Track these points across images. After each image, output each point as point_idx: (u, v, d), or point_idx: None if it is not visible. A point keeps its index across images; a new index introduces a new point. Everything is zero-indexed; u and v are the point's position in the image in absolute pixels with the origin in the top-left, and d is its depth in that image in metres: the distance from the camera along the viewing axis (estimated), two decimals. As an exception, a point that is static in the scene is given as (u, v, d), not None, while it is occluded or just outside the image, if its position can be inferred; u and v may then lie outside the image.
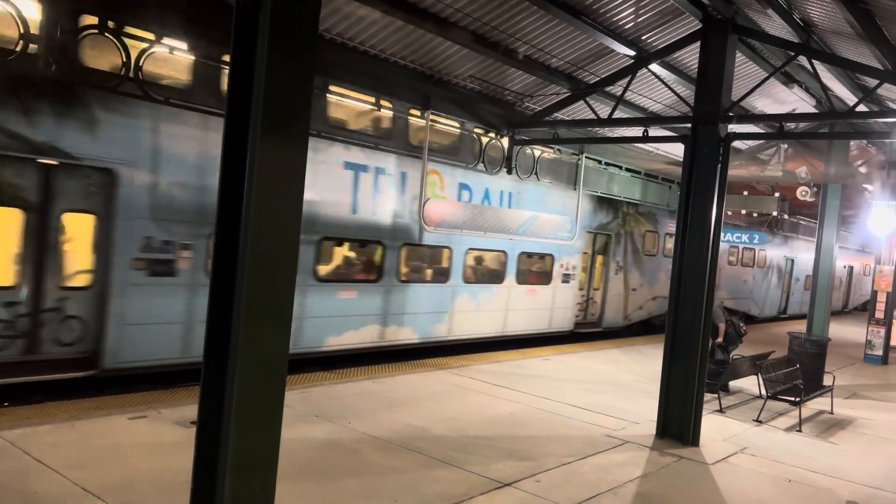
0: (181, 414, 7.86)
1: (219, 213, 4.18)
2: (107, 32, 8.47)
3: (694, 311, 8.85)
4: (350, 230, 11.47)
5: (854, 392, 13.45)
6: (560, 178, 15.91)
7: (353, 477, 6.57)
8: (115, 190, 8.57)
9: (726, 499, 6.95)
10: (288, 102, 4.17)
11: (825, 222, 17.38)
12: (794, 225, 30.35)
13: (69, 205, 8.36)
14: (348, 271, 11.90)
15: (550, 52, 11.83)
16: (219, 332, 4.16)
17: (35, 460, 6.18)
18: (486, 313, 14.29)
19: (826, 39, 11.05)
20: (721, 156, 8.92)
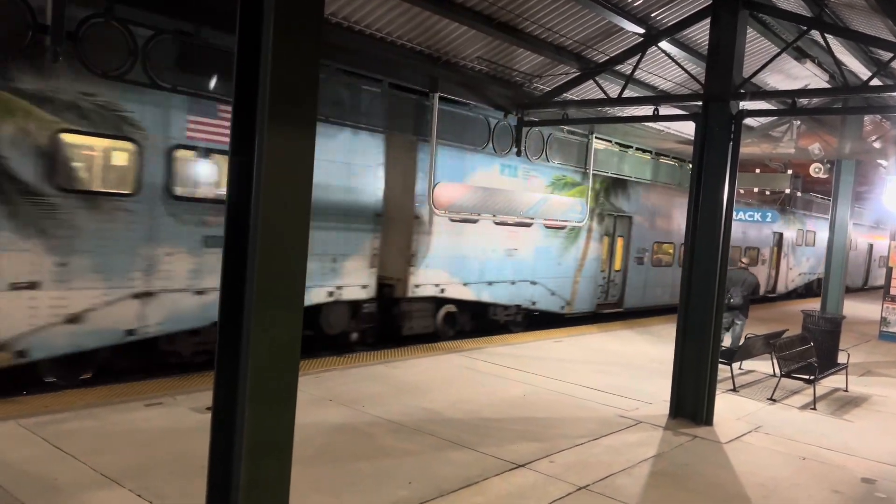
0: (196, 400, 7.94)
1: (228, 198, 4.18)
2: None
3: (707, 290, 8.80)
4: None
5: (869, 369, 13.38)
6: (570, 160, 15.83)
7: (368, 460, 6.62)
8: (631, 226, 18.07)
9: (740, 478, 6.95)
10: (295, 87, 4.15)
11: (839, 199, 17.21)
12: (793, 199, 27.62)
13: (620, 233, 17.93)
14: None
15: (559, 32, 11.72)
16: (231, 318, 4.18)
17: (54, 447, 6.26)
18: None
19: (839, 13, 10.89)
20: (733, 133, 8.83)
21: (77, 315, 8.38)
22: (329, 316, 11.44)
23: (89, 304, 8.46)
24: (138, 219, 8.86)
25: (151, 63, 8.75)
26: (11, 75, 7.70)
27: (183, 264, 9.29)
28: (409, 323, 12.84)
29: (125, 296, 8.79)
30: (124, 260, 8.73)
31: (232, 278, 4.19)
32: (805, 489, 6.77)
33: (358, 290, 11.60)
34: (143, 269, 8.91)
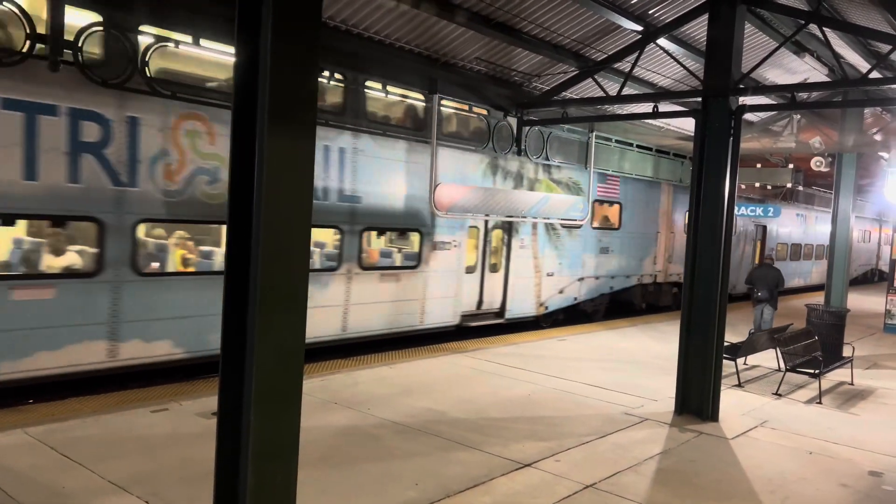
0: (202, 405, 7.95)
1: (230, 205, 4.19)
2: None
3: (709, 285, 8.80)
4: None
5: (874, 362, 13.35)
6: (571, 158, 15.84)
7: (374, 462, 6.63)
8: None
9: (747, 473, 6.95)
10: (294, 91, 4.16)
11: (841, 192, 17.17)
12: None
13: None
14: None
15: (557, 31, 11.73)
16: (235, 322, 4.19)
17: (61, 455, 6.28)
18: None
19: (836, 6, 10.88)
20: (733, 129, 8.83)
21: (562, 289, 16.17)
22: (634, 293, 18.97)
23: (565, 285, 16.26)
24: (581, 239, 16.51)
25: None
26: None
27: (592, 262, 16.98)
28: (665, 298, 20.02)
29: (574, 280, 16.52)
30: (575, 262, 16.39)
31: (235, 284, 4.20)
32: (812, 483, 6.76)
33: (648, 277, 19.32)
34: (580, 266, 16.55)
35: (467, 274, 13.70)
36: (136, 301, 8.80)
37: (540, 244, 15.27)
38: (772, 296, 14.17)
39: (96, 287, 8.48)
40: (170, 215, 9.12)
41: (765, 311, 14.21)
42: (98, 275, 8.49)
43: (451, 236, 13.11)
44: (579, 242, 16.37)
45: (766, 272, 14.41)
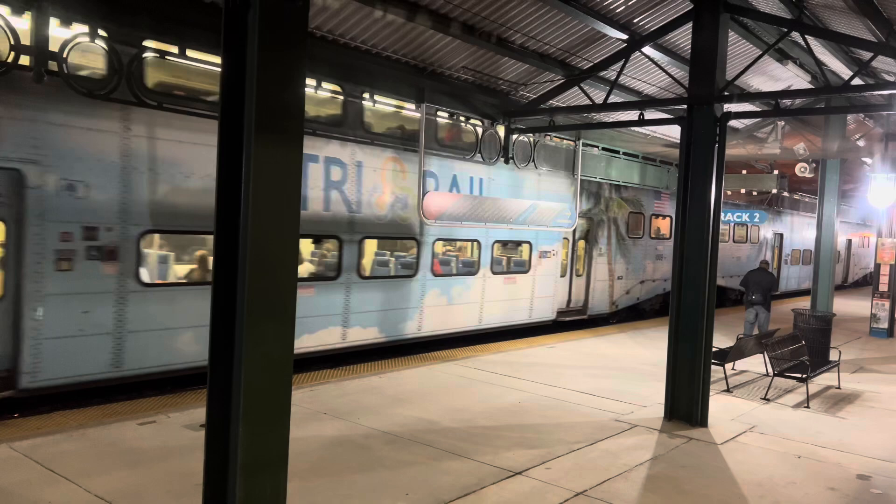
0: (190, 417, 7.89)
1: (217, 215, 4.18)
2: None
3: (697, 291, 8.85)
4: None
5: (861, 366, 13.46)
6: (558, 166, 15.90)
7: (365, 472, 6.59)
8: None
9: (737, 478, 6.97)
10: (281, 101, 4.17)
11: (825, 198, 17.34)
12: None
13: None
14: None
15: (543, 40, 11.79)
16: (223, 333, 4.18)
17: (47, 470, 6.21)
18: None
19: (818, 14, 11.02)
20: (718, 136, 8.90)
21: (629, 290, 18.75)
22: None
23: (631, 286, 18.84)
24: (643, 248, 19.36)
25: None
26: None
27: (651, 267, 19.64)
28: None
29: (637, 282, 19.13)
30: (638, 267, 19.05)
31: (223, 294, 4.18)
32: (801, 487, 6.80)
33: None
34: (642, 271, 19.25)
35: (560, 277, 16.45)
36: (358, 298, 11.71)
37: (613, 252, 18.17)
38: (765, 299, 14.53)
39: (336, 287, 11.35)
40: (379, 233, 12.12)
41: (759, 313, 14.58)
42: (337, 278, 11.36)
43: (551, 246, 15.91)
44: (641, 251, 19.35)
45: (761, 276, 14.76)
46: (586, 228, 17.20)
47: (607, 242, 17.81)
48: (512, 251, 15.33)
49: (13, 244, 7.90)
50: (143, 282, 8.92)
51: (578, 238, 17.01)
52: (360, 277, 11.66)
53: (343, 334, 11.48)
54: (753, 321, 14.59)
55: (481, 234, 13.94)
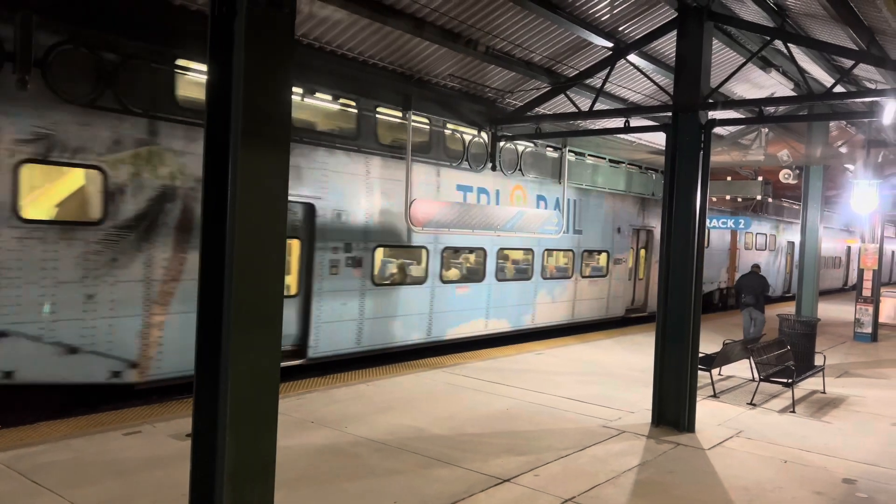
0: (176, 427, 7.82)
1: (203, 223, 4.16)
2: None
3: (683, 297, 8.90)
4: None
5: (845, 370, 13.57)
6: (545, 173, 15.97)
7: (353, 481, 6.56)
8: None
9: (724, 483, 7.00)
10: (267, 108, 4.16)
11: (809, 204, 17.52)
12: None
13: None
14: None
15: (528, 48, 11.86)
16: (209, 342, 4.15)
17: (31, 481, 6.13)
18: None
19: (800, 22, 11.15)
20: (703, 143, 8.98)
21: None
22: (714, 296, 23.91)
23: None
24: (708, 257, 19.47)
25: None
26: None
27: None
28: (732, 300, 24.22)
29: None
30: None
31: (209, 302, 4.16)
32: (788, 492, 6.83)
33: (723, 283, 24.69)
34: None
35: (628, 280, 19.33)
36: (496, 295, 14.69)
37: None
38: (757, 301, 15.35)
39: (482, 287, 14.36)
40: (507, 245, 14.92)
41: (753, 314, 15.37)
42: (483, 280, 14.36)
43: (623, 254, 18.90)
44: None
45: (753, 280, 15.62)
46: (646, 239, 20.02)
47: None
48: (593, 259, 18.03)
49: (305, 256, 10.95)
50: (375, 282, 12.09)
51: (640, 247, 19.88)
52: (497, 280, 14.73)
53: (485, 324, 14.60)
54: (750, 322, 15.39)
55: (573, 243, 16.95)
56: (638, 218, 19.32)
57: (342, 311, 11.46)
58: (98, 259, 8.47)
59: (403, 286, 12.80)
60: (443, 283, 13.47)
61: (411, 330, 12.86)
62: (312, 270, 10.96)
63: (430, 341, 13.34)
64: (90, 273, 8.41)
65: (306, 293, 10.96)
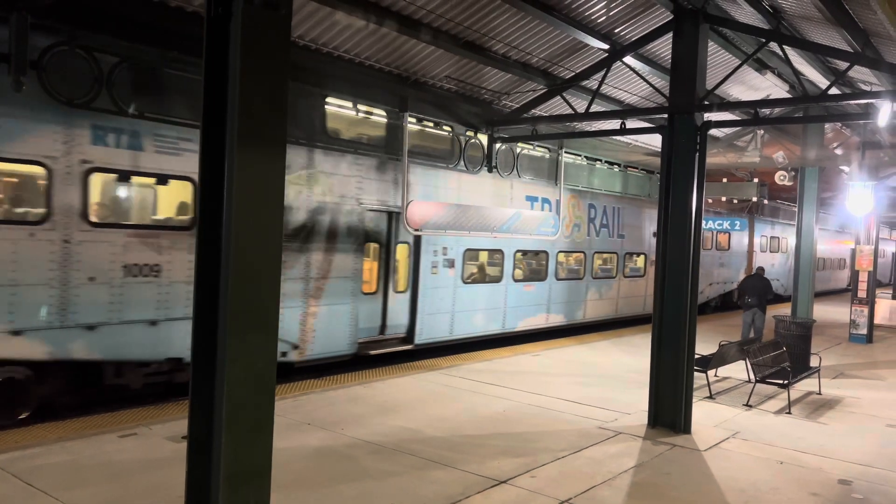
0: (172, 429, 7.80)
1: (199, 225, 4.15)
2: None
3: (679, 298, 8.91)
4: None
5: (841, 372, 13.60)
6: (541, 175, 15.98)
7: (349, 483, 6.55)
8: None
9: (720, 484, 7.01)
10: (263, 110, 4.16)
11: (804, 205, 17.56)
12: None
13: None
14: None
15: (525, 50, 11.87)
16: (205, 344, 4.14)
17: (25, 483, 6.11)
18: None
19: (796, 25, 11.19)
20: (698, 144, 9.00)
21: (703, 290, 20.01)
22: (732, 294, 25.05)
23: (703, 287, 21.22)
24: (711, 256, 23.26)
25: None
26: None
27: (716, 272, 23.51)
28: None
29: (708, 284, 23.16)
30: (709, 272, 22.84)
31: (204, 305, 4.15)
32: (784, 493, 6.84)
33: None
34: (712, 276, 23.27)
35: None
36: (555, 292, 16.64)
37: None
38: (760, 302, 15.57)
39: (544, 285, 16.22)
40: (565, 249, 16.83)
41: (755, 316, 15.56)
42: (545, 280, 16.29)
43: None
44: (709, 260, 23.67)
45: (756, 282, 15.96)
46: None
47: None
48: (633, 260, 20.01)
49: (413, 259, 12.88)
50: (463, 280, 13.93)
51: None
52: (556, 279, 16.57)
53: (546, 318, 16.47)
54: (751, 323, 15.50)
55: (617, 246, 18.89)
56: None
57: (439, 304, 13.44)
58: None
59: (485, 284, 14.77)
60: (514, 281, 15.36)
61: (490, 322, 14.83)
62: (419, 270, 12.93)
63: (504, 332, 15.24)
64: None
65: (413, 290, 12.95)
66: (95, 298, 8.49)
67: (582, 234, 17.33)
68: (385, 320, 12.56)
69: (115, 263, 8.66)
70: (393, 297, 12.65)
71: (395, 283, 12.68)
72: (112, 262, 8.63)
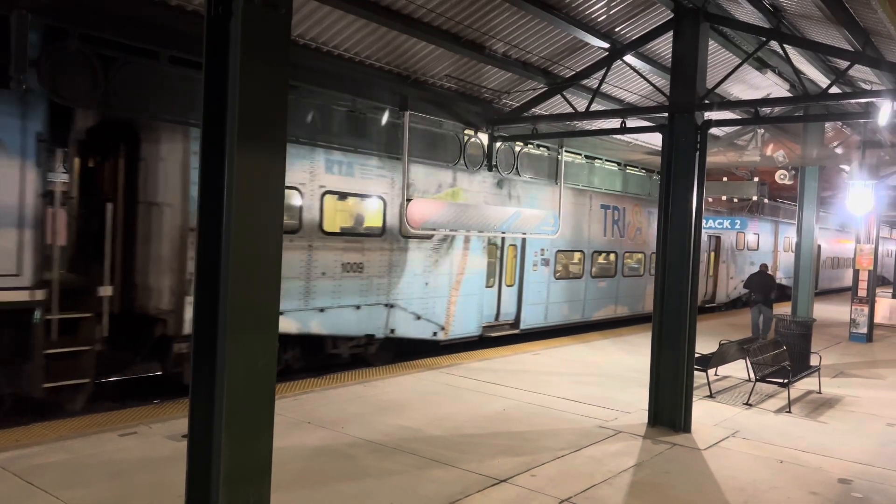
0: (172, 428, 7.81)
1: (200, 225, 4.15)
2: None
3: (679, 298, 8.91)
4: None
5: (841, 371, 13.61)
6: (541, 174, 15.98)
7: (349, 482, 6.56)
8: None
9: (720, 483, 7.01)
10: (263, 110, 4.16)
11: (804, 204, 17.55)
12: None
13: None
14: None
15: (525, 48, 11.87)
16: (205, 343, 4.14)
17: (25, 482, 6.11)
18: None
19: (796, 23, 11.18)
20: (699, 143, 8.99)
21: (735, 287, 25.63)
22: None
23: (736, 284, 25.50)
24: (742, 257, 26.36)
25: None
26: None
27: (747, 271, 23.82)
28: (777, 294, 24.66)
29: (739, 281, 25.01)
30: (740, 270, 25.79)
31: (205, 303, 4.15)
32: (784, 492, 6.85)
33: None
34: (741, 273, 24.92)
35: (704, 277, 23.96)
36: (622, 287, 19.15)
37: (728, 261, 25.41)
38: (766, 298, 16.62)
39: (613, 281, 18.71)
40: (630, 249, 19.46)
41: (763, 311, 16.54)
42: (614, 276, 18.85)
43: (702, 255, 22.80)
44: (741, 259, 26.18)
45: (762, 279, 17.01)
46: (716, 244, 24.63)
47: (727, 254, 25.51)
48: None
49: (520, 258, 15.56)
50: (554, 277, 16.51)
51: (711, 250, 24.46)
52: (623, 276, 19.02)
53: (615, 310, 18.94)
54: (758, 318, 16.57)
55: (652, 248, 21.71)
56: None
57: (537, 296, 16.00)
58: (430, 259, 13.21)
59: (569, 279, 17.22)
60: (592, 277, 17.87)
61: (573, 312, 17.37)
62: (523, 268, 15.60)
63: (583, 321, 17.68)
64: (426, 269, 13.15)
65: (520, 283, 15.61)
66: (325, 289, 11.23)
67: (643, 236, 20.03)
68: (499, 309, 15.21)
69: (337, 262, 11.40)
70: (505, 290, 15.32)
71: (506, 278, 15.29)
72: (335, 261, 11.37)
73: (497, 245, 14.96)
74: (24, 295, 7.75)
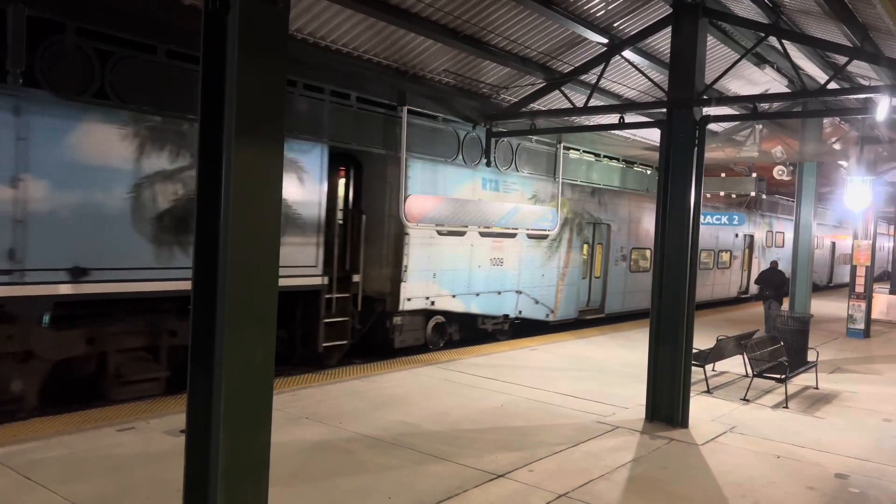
0: (170, 423, 7.81)
1: (197, 219, 4.14)
2: None
3: (677, 293, 8.92)
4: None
5: (838, 366, 13.64)
6: (539, 169, 15.97)
7: (347, 477, 6.56)
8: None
9: (717, 478, 7.03)
10: (261, 104, 4.14)
11: (802, 200, 17.56)
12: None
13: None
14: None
15: (523, 43, 11.84)
16: (203, 338, 4.13)
17: (23, 477, 6.11)
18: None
19: (795, 19, 11.16)
20: (697, 139, 8.98)
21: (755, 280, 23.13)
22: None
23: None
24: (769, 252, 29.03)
25: None
26: None
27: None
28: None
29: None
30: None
31: (203, 296, 4.14)
32: (781, 487, 6.87)
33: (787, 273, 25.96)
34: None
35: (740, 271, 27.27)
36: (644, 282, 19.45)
37: (759, 255, 28.16)
38: (777, 293, 17.50)
39: (647, 276, 17.25)
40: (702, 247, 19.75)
41: (772, 305, 17.30)
42: (648, 271, 19.16)
43: (739, 252, 26.84)
44: (772, 255, 26.59)
45: (772, 274, 17.96)
46: (750, 241, 27.60)
47: (758, 250, 28.27)
48: (720, 255, 25.33)
49: (605, 255, 18.46)
50: (630, 270, 19.51)
51: (746, 247, 27.29)
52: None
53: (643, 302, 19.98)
54: (769, 311, 16.99)
55: (714, 245, 24.66)
56: (746, 226, 27.21)
57: (616, 287, 18.92)
58: (545, 255, 16.11)
59: (640, 272, 19.87)
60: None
61: (643, 301, 18.96)
62: (608, 262, 18.59)
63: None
64: (542, 263, 16.08)
65: (604, 275, 18.52)
66: (480, 278, 14.26)
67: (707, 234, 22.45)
68: (589, 296, 18.15)
69: (487, 257, 14.41)
70: (594, 281, 18.28)
71: (595, 271, 18.23)
72: (486, 256, 14.39)
73: (589, 243, 17.79)
74: (318, 280, 11.10)
